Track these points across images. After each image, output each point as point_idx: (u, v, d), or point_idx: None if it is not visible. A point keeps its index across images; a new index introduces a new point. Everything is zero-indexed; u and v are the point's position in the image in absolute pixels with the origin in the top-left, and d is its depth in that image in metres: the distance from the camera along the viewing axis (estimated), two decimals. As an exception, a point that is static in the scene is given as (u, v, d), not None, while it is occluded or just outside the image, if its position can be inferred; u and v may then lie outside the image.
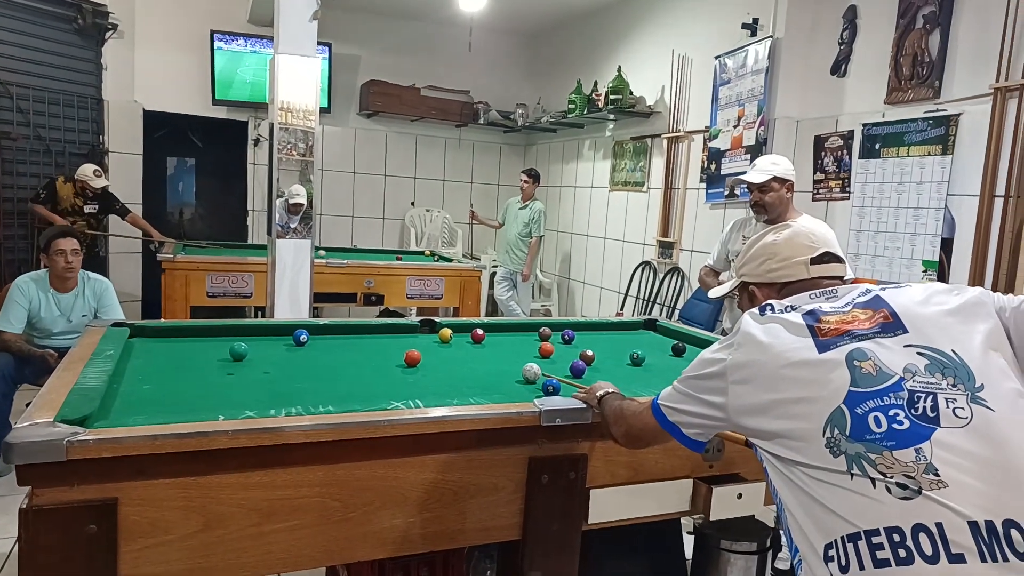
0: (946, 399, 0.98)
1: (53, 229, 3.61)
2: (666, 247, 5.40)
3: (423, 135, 7.30)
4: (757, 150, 4.35)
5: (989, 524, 0.86)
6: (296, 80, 3.54)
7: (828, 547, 0.96)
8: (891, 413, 0.99)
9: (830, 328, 1.12)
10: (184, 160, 7.45)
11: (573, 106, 6.17)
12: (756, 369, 1.14)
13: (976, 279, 3.34)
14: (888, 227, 3.79)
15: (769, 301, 1.25)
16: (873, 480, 0.95)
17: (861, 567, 0.90)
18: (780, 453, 1.09)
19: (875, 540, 0.90)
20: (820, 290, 1.26)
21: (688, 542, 2.20)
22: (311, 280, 3.74)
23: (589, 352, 2.18)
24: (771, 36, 4.34)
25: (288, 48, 3.51)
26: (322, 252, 4.88)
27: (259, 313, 5.05)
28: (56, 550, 1.24)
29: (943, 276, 3.54)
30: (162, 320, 3.39)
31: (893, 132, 3.69)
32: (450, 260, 5.60)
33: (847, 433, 1.00)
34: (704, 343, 2.56)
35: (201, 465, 1.33)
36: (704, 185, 5.00)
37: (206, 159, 7.40)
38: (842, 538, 0.94)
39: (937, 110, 3.52)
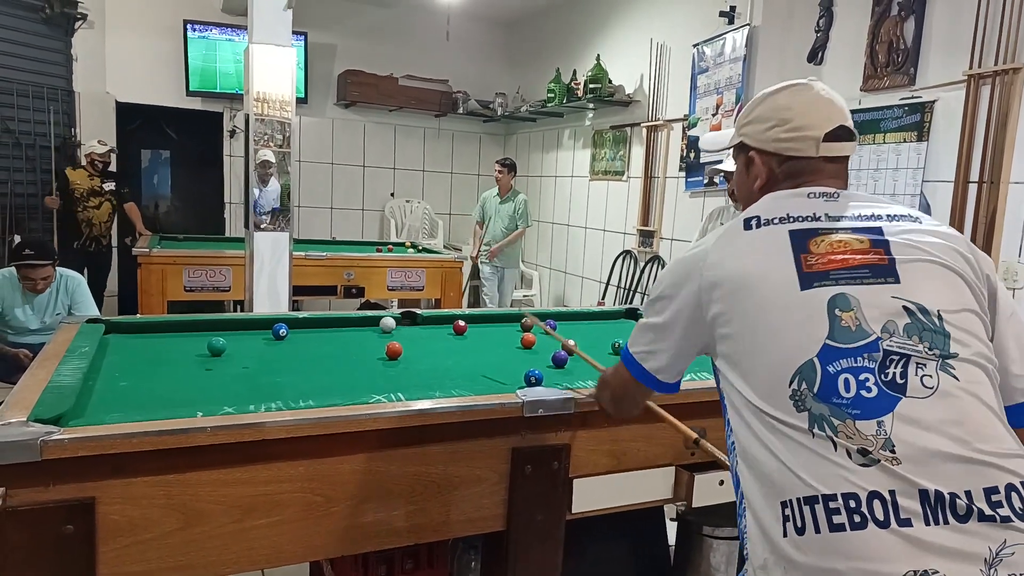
0: (917, 364, 0.96)
1: (25, 251, 3.38)
2: (646, 236, 5.41)
3: (402, 125, 7.25)
4: (736, 138, 4.37)
5: (938, 493, 0.89)
6: (271, 70, 3.49)
7: (784, 505, 0.95)
8: (861, 377, 0.95)
9: (817, 260, 1.03)
10: (159, 152, 7.34)
11: (552, 95, 6.15)
12: (730, 286, 1.06)
13: (951, 264, 3.38)
14: (865, 214, 3.82)
15: (757, 213, 1.12)
16: (834, 443, 0.93)
17: (817, 530, 0.91)
18: (742, 390, 1.03)
19: (832, 505, 0.90)
20: (821, 190, 1.14)
21: (671, 529, 2.22)
22: (290, 273, 3.71)
23: (571, 342, 2.18)
24: (748, 24, 4.35)
25: (263, 37, 3.46)
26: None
27: (238, 307, 4.99)
28: (32, 551, 1.22)
29: (919, 262, 3.58)
30: (138, 315, 3.33)
31: (869, 119, 3.72)
32: (432, 251, 5.58)
33: (814, 391, 0.96)
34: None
35: (180, 462, 1.32)
36: (683, 174, 5.02)
37: (181, 151, 7.29)
38: (799, 499, 0.93)
39: (912, 97, 3.56)
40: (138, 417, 1.34)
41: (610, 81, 5.64)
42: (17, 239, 4.94)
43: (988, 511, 0.88)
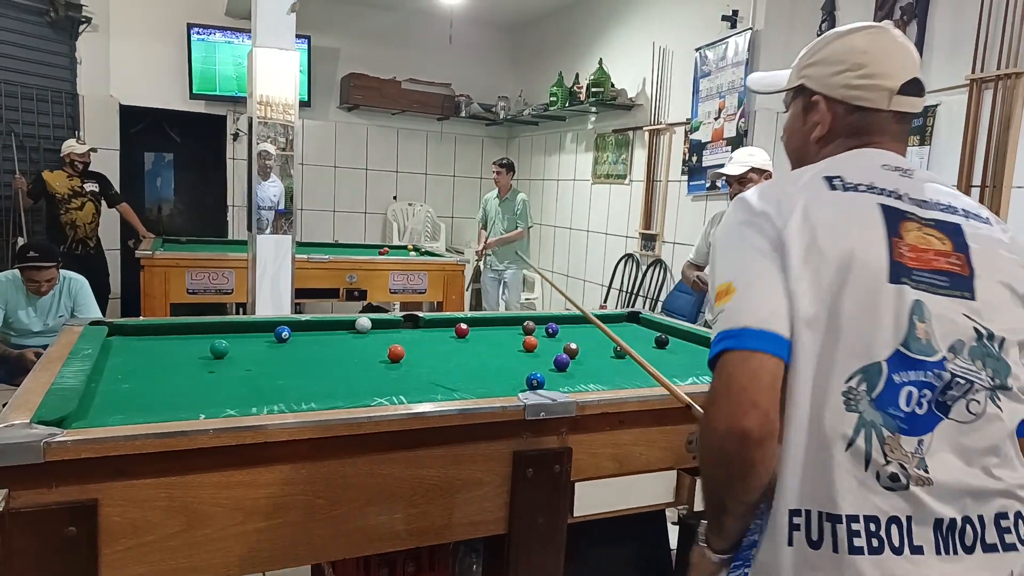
0: (975, 390, 0.91)
1: (30, 252, 3.39)
2: (648, 239, 5.41)
3: (404, 128, 7.26)
4: (738, 142, 4.37)
5: (951, 521, 0.88)
6: (275, 74, 3.50)
7: (795, 513, 0.89)
8: (922, 392, 0.89)
9: (907, 251, 0.92)
10: (162, 155, 7.36)
11: (554, 99, 6.16)
12: (816, 255, 0.90)
13: (953, 268, 3.38)
14: (867, 218, 3.82)
15: (839, 173, 0.98)
16: (868, 460, 0.88)
17: (835, 549, 0.88)
18: (790, 373, 0.90)
19: (854, 527, 0.87)
20: (894, 162, 1.02)
21: (673, 533, 2.22)
22: (292, 276, 3.71)
23: (573, 345, 2.18)
24: (751, 28, 4.36)
25: (266, 41, 3.47)
26: None
27: (240, 310, 5.00)
28: (34, 553, 1.22)
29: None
30: (141, 318, 3.34)
31: (872, 123, 3.72)
32: (433, 254, 5.59)
33: (873, 396, 0.88)
34: (687, 335, 2.58)
35: (183, 464, 1.32)
36: (686, 177, 5.02)
37: (184, 154, 7.31)
38: (820, 513, 0.88)
39: (915, 101, 3.56)
40: (141, 419, 1.34)
41: (612, 85, 5.65)
42: (21, 241, 4.96)
43: (995, 538, 0.88)
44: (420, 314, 2.61)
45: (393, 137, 7.26)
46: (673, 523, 2.24)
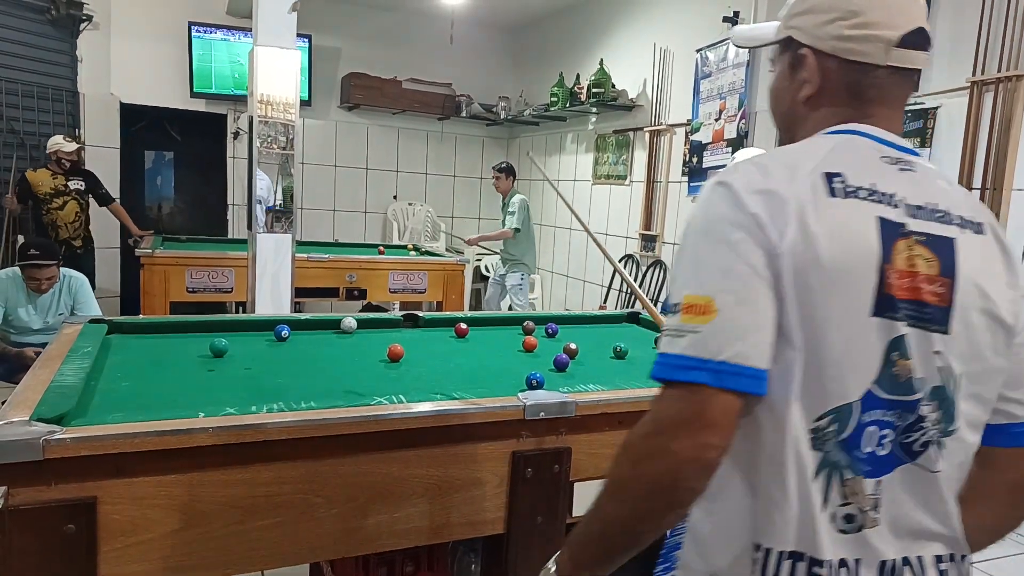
0: (930, 433, 0.85)
1: (30, 251, 3.39)
2: (649, 240, 5.42)
3: (405, 128, 7.26)
4: (738, 143, 4.37)
5: (893, 562, 0.85)
6: (276, 73, 3.50)
7: (757, 548, 0.84)
8: (883, 432, 0.83)
9: (896, 279, 0.81)
10: (162, 154, 7.36)
11: (555, 99, 6.17)
12: (809, 279, 0.80)
13: (953, 271, 3.38)
14: (867, 219, 3.83)
15: (840, 170, 0.84)
16: (826, 501, 0.82)
17: None
18: (767, 402, 0.82)
19: (816, 570, 0.82)
20: (895, 156, 0.89)
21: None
22: (292, 275, 3.71)
23: (572, 345, 2.18)
24: (752, 29, 4.35)
25: (267, 40, 3.47)
26: None
27: (240, 308, 5.00)
28: (33, 551, 1.22)
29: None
30: (141, 316, 3.34)
31: (872, 125, 3.72)
32: (433, 254, 5.59)
33: (841, 437, 0.82)
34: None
35: (182, 463, 1.32)
36: (686, 178, 5.02)
37: (185, 153, 7.31)
38: (781, 552, 0.83)
39: (915, 103, 3.56)
40: (140, 417, 1.34)
41: (613, 85, 5.65)
42: (21, 239, 4.95)
43: None
44: (420, 314, 2.61)
45: (393, 137, 7.26)
46: None
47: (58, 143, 4.86)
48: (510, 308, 5.59)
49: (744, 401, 0.79)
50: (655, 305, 2.18)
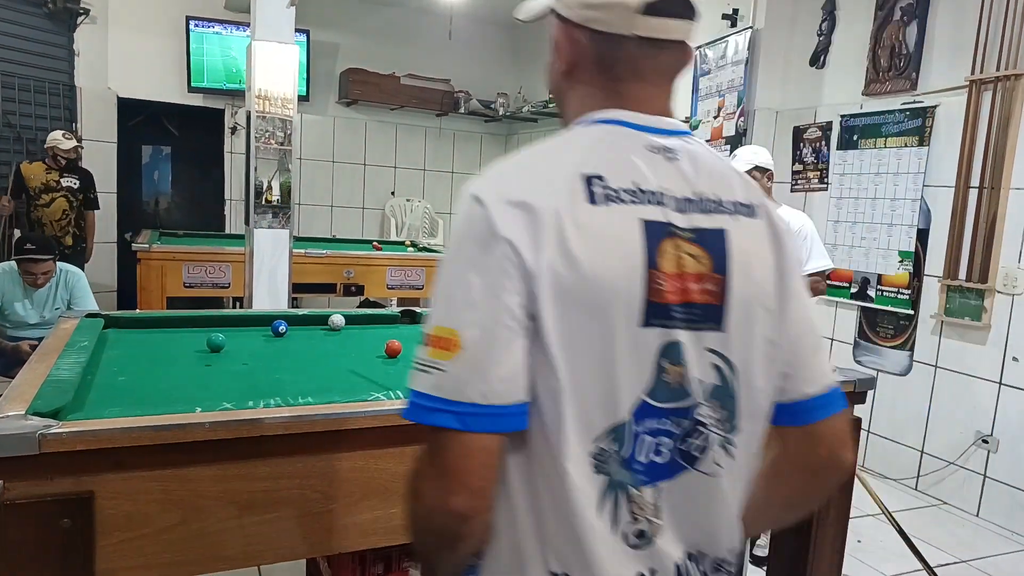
0: (711, 437, 0.83)
1: (27, 245, 3.39)
2: (646, 237, 5.41)
3: (403, 124, 7.25)
4: (737, 141, 4.37)
5: (682, 565, 0.84)
6: (274, 67, 3.49)
7: (552, 575, 0.80)
8: (659, 440, 0.80)
9: (665, 284, 0.78)
10: (160, 148, 7.34)
11: (554, 96, 6.16)
12: (570, 300, 0.75)
13: (951, 270, 3.39)
14: (865, 217, 3.84)
15: (599, 172, 0.79)
16: (616, 522, 0.80)
17: None
18: (534, 430, 0.78)
19: None
20: (661, 144, 0.83)
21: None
22: (290, 270, 3.71)
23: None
24: (751, 27, 4.35)
25: (265, 35, 3.46)
26: None
27: (237, 304, 4.99)
28: (30, 545, 1.21)
29: (919, 266, 3.59)
30: (137, 311, 3.33)
31: (871, 123, 3.72)
32: (431, 250, 5.58)
33: (623, 455, 0.79)
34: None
35: (179, 457, 1.31)
36: (684, 175, 5.02)
37: (182, 147, 7.30)
38: None
39: (914, 102, 3.56)
40: (137, 412, 1.33)
41: (612, 82, 5.64)
42: (18, 234, 4.94)
43: None
44: (417, 310, 2.61)
45: (392, 133, 7.25)
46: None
47: (56, 139, 4.80)
48: None
49: (500, 439, 0.76)
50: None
